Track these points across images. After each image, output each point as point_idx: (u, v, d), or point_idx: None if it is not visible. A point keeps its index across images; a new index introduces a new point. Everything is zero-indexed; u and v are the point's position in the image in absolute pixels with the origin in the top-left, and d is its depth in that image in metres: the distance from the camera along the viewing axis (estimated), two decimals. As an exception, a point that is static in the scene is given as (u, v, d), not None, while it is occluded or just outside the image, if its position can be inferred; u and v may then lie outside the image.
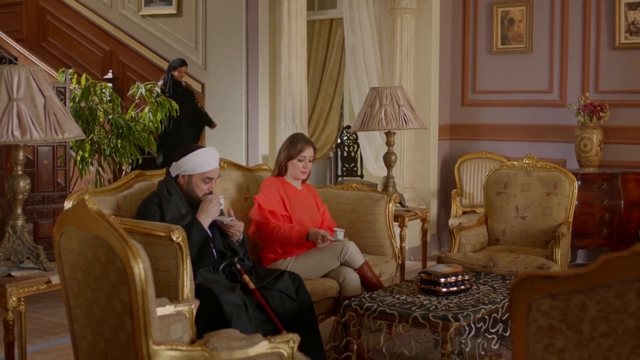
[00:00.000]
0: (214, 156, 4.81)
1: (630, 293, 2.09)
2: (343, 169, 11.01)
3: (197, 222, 4.57)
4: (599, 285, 2.12)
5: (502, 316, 4.56)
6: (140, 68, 8.77)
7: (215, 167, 4.78)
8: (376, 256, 5.66)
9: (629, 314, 2.11)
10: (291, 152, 5.40)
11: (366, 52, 8.43)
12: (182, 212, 4.62)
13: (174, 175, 4.75)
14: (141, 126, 7.31)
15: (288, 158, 5.40)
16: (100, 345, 3.07)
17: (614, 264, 2.09)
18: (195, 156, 4.71)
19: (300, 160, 5.38)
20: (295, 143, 5.43)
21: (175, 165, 4.74)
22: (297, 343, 3.09)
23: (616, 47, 8.15)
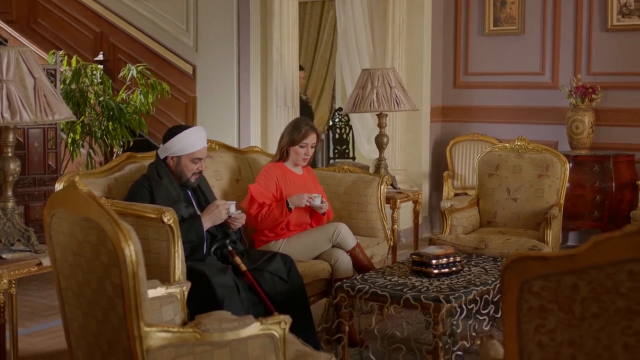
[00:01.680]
0: (202, 136, 4.79)
1: (622, 274, 2.10)
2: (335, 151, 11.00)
3: (199, 222, 4.56)
4: (590, 266, 2.12)
5: (493, 297, 4.57)
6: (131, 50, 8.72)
7: (203, 146, 4.76)
8: (368, 238, 5.66)
9: (620, 294, 2.11)
10: (294, 137, 5.36)
11: (358, 34, 8.41)
12: (173, 194, 4.61)
13: (163, 157, 4.73)
14: (132, 108, 7.28)
15: (290, 143, 5.37)
16: (91, 327, 3.06)
17: (605, 244, 2.09)
18: (182, 137, 4.69)
19: (302, 146, 5.35)
20: (299, 129, 5.38)
21: (164, 147, 4.72)
22: (289, 324, 3.09)
23: (608, 29, 8.14)
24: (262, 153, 5.98)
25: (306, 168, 5.54)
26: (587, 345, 2.18)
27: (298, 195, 5.18)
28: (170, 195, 4.58)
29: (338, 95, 10.69)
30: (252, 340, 3.02)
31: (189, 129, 4.81)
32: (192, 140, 4.70)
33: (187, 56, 8.25)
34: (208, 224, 4.61)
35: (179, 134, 4.72)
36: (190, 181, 4.74)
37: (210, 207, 4.66)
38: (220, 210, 4.64)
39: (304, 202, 5.15)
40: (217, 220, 4.65)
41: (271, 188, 5.24)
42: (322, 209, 5.25)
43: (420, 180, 8.92)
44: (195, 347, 2.93)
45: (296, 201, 5.16)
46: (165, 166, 4.71)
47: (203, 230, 4.56)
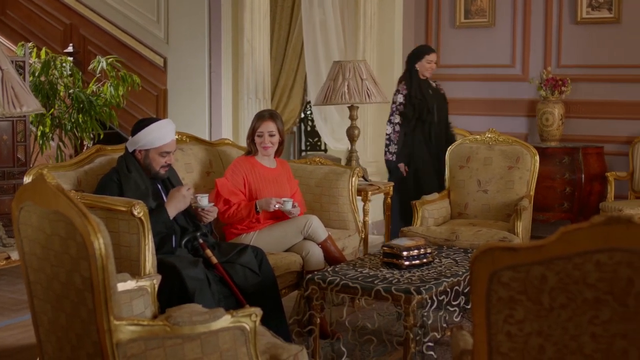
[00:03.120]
0: (170, 129, 4.75)
1: (589, 264, 2.11)
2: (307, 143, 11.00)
3: (164, 211, 4.53)
4: (558, 256, 2.13)
5: (464, 289, 4.59)
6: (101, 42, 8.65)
7: (172, 139, 4.73)
8: (339, 230, 5.67)
9: (588, 285, 2.13)
10: (252, 126, 5.38)
11: (328, 26, 8.39)
12: (142, 188, 4.58)
13: (131, 150, 4.69)
14: (102, 100, 7.22)
15: (251, 134, 5.38)
16: (60, 321, 3.04)
17: (573, 235, 2.11)
18: (150, 130, 4.65)
19: (259, 135, 5.35)
20: (254, 119, 5.41)
21: (132, 140, 4.69)
22: (260, 317, 3.09)
23: (578, 21, 8.19)
24: (233, 145, 5.96)
25: (280, 161, 5.53)
26: (555, 335, 2.20)
27: (266, 200, 5.16)
28: (138, 189, 4.55)
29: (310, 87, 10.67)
30: (223, 332, 3.02)
31: (157, 122, 4.76)
32: (160, 134, 4.66)
33: (157, 48, 8.19)
34: (173, 211, 4.57)
35: (147, 127, 4.68)
36: (160, 173, 4.71)
37: (174, 195, 4.61)
38: (186, 198, 4.60)
39: (271, 207, 5.13)
40: (182, 206, 4.61)
41: (238, 183, 5.22)
42: (292, 213, 5.22)
43: (391, 173, 8.92)
44: (166, 340, 2.92)
45: (264, 205, 5.15)
46: (134, 159, 4.68)
47: (169, 218, 4.54)
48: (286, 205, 5.15)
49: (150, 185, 4.66)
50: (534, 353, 2.22)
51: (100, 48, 8.54)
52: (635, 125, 8.02)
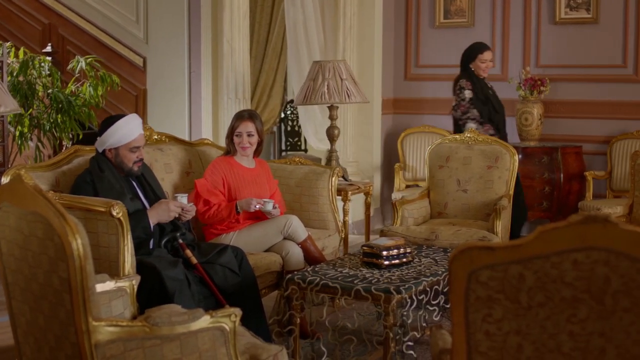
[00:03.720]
0: (136, 124, 4.71)
1: (566, 263, 2.13)
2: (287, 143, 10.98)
3: (146, 217, 4.51)
4: (536, 255, 2.15)
5: (443, 288, 4.61)
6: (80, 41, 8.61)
7: (139, 134, 4.69)
8: (319, 230, 5.67)
9: (565, 283, 2.14)
10: (230, 128, 5.38)
11: (308, 26, 8.40)
12: (116, 187, 4.54)
13: (101, 150, 4.67)
14: (81, 101, 7.19)
15: (230, 135, 5.37)
16: (39, 322, 3.03)
17: (551, 234, 2.12)
18: (117, 128, 4.62)
19: (237, 135, 5.34)
20: (233, 119, 5.41)
21: (100, 140, 4.66)
22: (239, 317, 3.09)
23: (556, 22, 8.23)
24: (212, 145, 5.95)
25: (259, 161, 5.53)
26: (534, 334, 2.21)
27: (247, 200, 5.15)
28: (113, 188, 4.52)
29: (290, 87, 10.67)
30: (202, 333, 3.01)
31: (122, 118, 4.71)
32: (127, 130, 4.63)
33: (137, 48, 8.16)
34: (154, 220, 4.56)
35: (113, 125, 4.64)
36: (133, 170, 4.69)
37: (160, 204, 4.61)
38: (171, 210, 4.59)
39: (252, 207, 5.13)
40: (164, 219, 4.61)
41: (218, 184, 5.22)
42: (273, 214, 5.22)
43: (371, 172, 8.95)
44: (145, 341, 2.91)
45: (245, 206, 5.14)
46: (106, 159, 4.66)
47: (150, 226, 4.52)
48: (267, 206, 5.15)
49: (124, 184, 4.63)
50: (513, 352, 2.23)
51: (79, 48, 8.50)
52: (613, 125, 8.08)
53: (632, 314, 2.13)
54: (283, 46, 9.14)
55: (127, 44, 8.22)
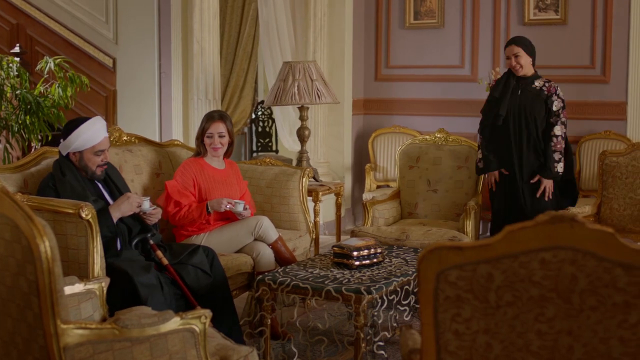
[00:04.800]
0: (100, 127, 4.66)
1: (534, 262, 2.14)
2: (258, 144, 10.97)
3: (108, 215, 4.47)
4: (504, 255, 2.16)
5: (414, 288, 4.62)
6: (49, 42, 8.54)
7: (104, 137, 4.65)
8: (290, 231, 5.67)
9: (533, 282, 2.16)
10: (201, 129, 5.36)
11: (280, 27, 8.40)
12: (78, 190, 4.49)
13: (65, 154, 4.62)
14: (50, 102, 7.12)
15: (200, 135, 5.36)
16: (7, 325, 3.00)
17: (518, 234, 2.14)
18: (81, 132, 4.56)
19: (208, 136, 5.33)
20: (203, 120, 5.39)
21: (64, 144, 4.60)
22: (209, 319, 3.08)
23: (525, 22, 8.29)
24: (182, 147, 5.93)
25: (229, 162, 5.52)
26: (502, 332, 2.22)
27: (218, 200, 5.15)
28: (74, 191, 4.46)
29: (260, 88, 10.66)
30: (172, 335, 3.00)
31: (86, 122, 4.66)
32: (91, 134, 4.58)
33: (106, 49, 8.12)
34: (117, 215, 4.52)
35: (76, 129, 4.58)
36: (96, 174, 4.64)
37: (121, 198, 4.58)
38: (131, 201, 4.56)
39: (222, 207, 5.12)
40: (127, 212, 4.56)
41: (188, 185, 5.20)
42: (243, 215, 5.21)
43: (342, 173, 8.96)
44: (114, 344, 2.90)
45: (215, 206, 5.14)
46: (69, 162, 4.60)
47: (113, 222, 4.49)
48: (237, 207, 5.15)
49: (88, 186, 4.59)
50: (482, 351, 2.25)
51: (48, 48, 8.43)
52: (581, 125, 8.13)
53: (599, 313, 2.15)
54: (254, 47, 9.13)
55: (97, 45, 8.17)
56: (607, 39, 8.02)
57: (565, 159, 5.89)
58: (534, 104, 5.91)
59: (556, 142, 5.85)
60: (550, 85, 5.96)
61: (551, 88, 5.94)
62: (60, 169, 4.56)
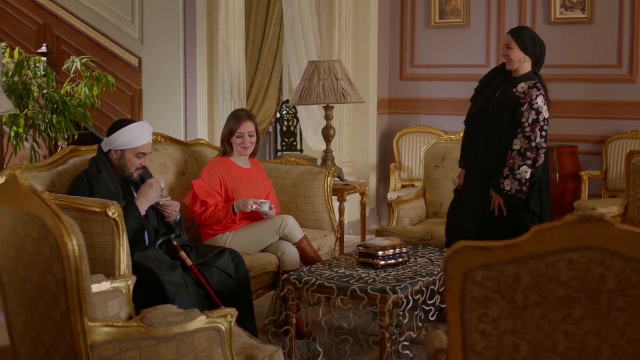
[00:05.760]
0: (147, 131, 4.74)
1: (562, 263, 2.13)
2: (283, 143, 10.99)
3: (135, 207, 4.50)
4: (532, 255, 2.15)
5: (439, 288, 4.61)
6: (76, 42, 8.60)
7: (148, 142, 4.71)
8: (315, 230, 5.67)
9: (561, 283, 2.14)
10: (229, 129, 5.36)
11: (305, 26, 8.40)
12: (112, 189, 4.54)
13: (106, 150, 4.67)
14: (77, 101, 7.18)
15: (229, 136, 5.36)
16: (34, 324, 3.02)
17: (546, 234, 2.12)
18: (127, 131, 4.63)
19: (239, 136, 5.34)
20: (231, 120, 5.39)
21: (107, 140, 4.67)
22: (235, 318, 3.09)
23: (552, 22, 8.24)
24: (208, 146, 5.95)
25: (254, 161, 5.53)
26: (529, 333, 2.21)
27: (244, 200, 5.16)
28: (108, 190, 4.51)
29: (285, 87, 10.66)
30: (199, 334, 3.01)
31: (135, 123, 4.76)
32: (136, 135, 4.64)
33: (132, 48, 8.16)
34: (145, 205, 4.56)
35: (123, 127, 4.66)
36: (133, 176, 4.68)
37: (144, 188, 4.60)
38: (155, 187, 4.59)
39: (249, 208, 5.14)
40: (154, 198, 4.60)
41: (215, 185, 5.22)
42: (269, 215, 5.22)
43: (367, 173, 8.95)
44: (141, 342, 2.91)
45: (242, 206, 5.15)
46: (107, 160, 4.65)
47: (140, 213, 4.52)
48: (263, 207, 5.16)
49: (121, 187, 4.63)
50: (509, 351, 2.23)
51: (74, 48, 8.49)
52: (608, 125, 8.08)
53: (627, 314, 2.13)
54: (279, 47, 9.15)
55: (123, 45, 8.21)
56: (635, 38, 7.95)
57: (531, 190, 5.13)
58: (501, 112, 5.23)
59: (509, 156, 5.09)
60: (530, 92, 5.13)
61: (528, 96, 5.11)
62: (97, 165, 4.60)
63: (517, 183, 5.07)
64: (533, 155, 5.06)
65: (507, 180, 5.10)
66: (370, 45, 8.85)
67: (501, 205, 5.16)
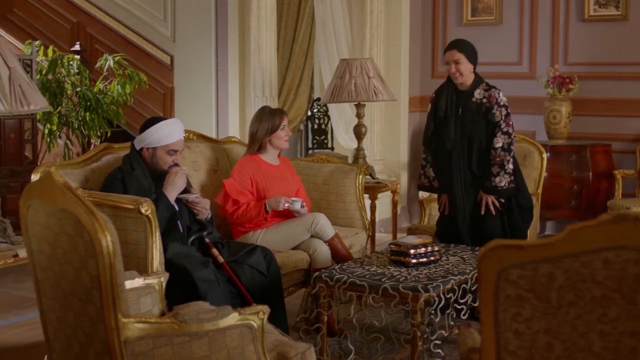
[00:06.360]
0: (178, 128, 4.76)
1: (597, 262, 2.11)
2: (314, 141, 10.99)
3: (164, 196, 4.53)
4: (566, 254, 2.13)
5: (471, 287, 4.59)
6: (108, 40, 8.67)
7: (179, 139, 4.73)
8: (346, 228, 5.66)
9: (596, 282, 2.13)
10: (274, 123, 5.34)
11: (336, 24, 8.40)
12: (145, 185, 4.57)
13: (139, 148, 4.70)
14: (109, 99, 7.24)
15: (271, 131, 5.35)
16: (69, 319, 3.04)
17: (581, 233, 2.11)
18: (158, 128, 4.66)
19: (282, 129, 5.36)
20: (268, 117, 5.37)
21: (139, 138, 4.70)
22: (267, 315, 3.09)
23: (585, 19, 8.17)
24: (239, 143, 5.96)
25: (283, 158, 5.54)
26: (564, 333, 2.19)
27: (275, 199, 5.17)
28: (141, 186, 4.55)
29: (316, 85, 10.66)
30: (231, 330, 3.02)
31: (166, 120, 4.80)
32: (168, 132, 4.67)
33: (164, 46, 8.21)
34: (174, 193, 4.59)
35: (155, 125, 4.69)
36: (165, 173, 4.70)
37: (168, 177, 4.62)
38: (178, 174, 4.61)
39: (281, 206, 5.15)
40: (181, 185, 4.62)
41: (246, 184, 5.23)
42: (301, 213, 5.23)
43: (398, 170, 8.93)
44: (174, 338, 2.93)
45: (274, 205, 5.16)
46: (140, 157, 4.68)
47: (170, 201, 4.55)
48: (295, 205, 5.17)
49: (153, 183, 4.65)
50: (542, 351, 2.22)
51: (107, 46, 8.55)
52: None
53: (664, 314, 2.11)
54: (310, 44, 9.16)
55: (155, 42, 8.26)
56: (670, 35, 7.88)
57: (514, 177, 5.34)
58: (475, 125, 5.36)
59: (495, 155, 5.26)
60: (490, 93, 5.38)
61: (491, 98, 5.36)
62: (130, 163, 4.64)
63: (507, 175, 5.30)
64: (512, 146, 5.35)
65: (497, 177, 5.30)
66: (401, 43, 8.82)
67: (494, 202, 5.35)
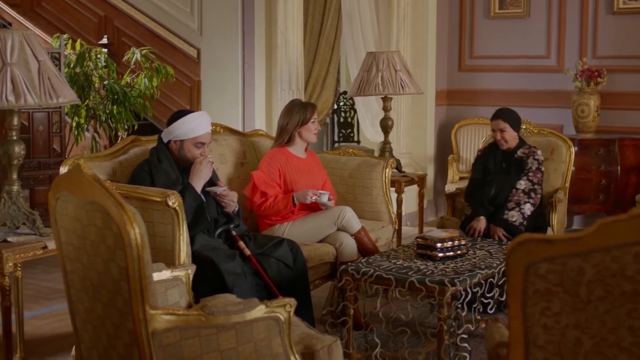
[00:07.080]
0: (206, 121, 4.77)
1: (627, 256, 2.09)
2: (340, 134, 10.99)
3: (190, 186, 4.56)
4: (596, 248, 2.12)
5: (498, 281, 4.57)
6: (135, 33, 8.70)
7: (206, 131, 4.75)
8: (373, 221, 5.65)
9: (626, 277, 2.11)
10: (305, 116, 5.35)
11: (363, 17, 8.38)
12: (172, 177, 4.60)
13: (166, 141, 4.72)
14: (137, 92, 7.27)
15: (302, 124, 5.36)
16: (97, 310, 3.07)
17: (611, 227, 2.09)
18: (186, 121, 4.67)
19: (312, 122, 5.37)
20: (305, 107, 5.38)
21: (167, 130, 4.72)
22: (294, 307, 3.10)
23: (614, 11, 8.10)
24: (266, 136, 5.97)
25: (309, 152, 5.54)
26: (593, 328, 2.18)
27: (303, 192, 5.17)
28: (169, 178, 4.58)
29: (343, 78, 10.66)
30: (258, 322, 3.03)
31: (194, 113, 4.81)
32: (195, 125, 4.68)
33: (191, 39, 8.23)
34: (200, 182, 4.62)
35: (182, 117, 4.71)
36: None
37: (194, 167, 4.65)
38: (204, 164, 4.64)
39: (308, 199, 5.15)
40: (207, 174, 4.65)
41: (274, 176, 5.23)
42: (327, 205, 5.23)
43: (425, 164, 8.91)
44: (201, 330, 2.94)
45: (301, 198, 5.16)
46: (167, 150, 4.71)
47: (196, 191, 4.57)
48: (322, 197, 5.17)
49: (181, 176, 4.67)
50: (571, 346, 2.21)
51: (134, 40, 8.59)
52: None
53: (695, 309, 2.09)
54: (336, 38, 9.14)
55: (182, 36, 8.28)
56: (700, 28, 7.79)
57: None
58: (512, 174, 5.74)
59: (514, 194, 5.60)
60: (530, 150, 5.78)
61: (530, 152, 5.77)
62: (157, 155, 4.66)
63: (521, 216, 5.55)
64: (535, 196, 5.64)
65: (512, 211, 5.57)
66: (428, 36, 8.79)
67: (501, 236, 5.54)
